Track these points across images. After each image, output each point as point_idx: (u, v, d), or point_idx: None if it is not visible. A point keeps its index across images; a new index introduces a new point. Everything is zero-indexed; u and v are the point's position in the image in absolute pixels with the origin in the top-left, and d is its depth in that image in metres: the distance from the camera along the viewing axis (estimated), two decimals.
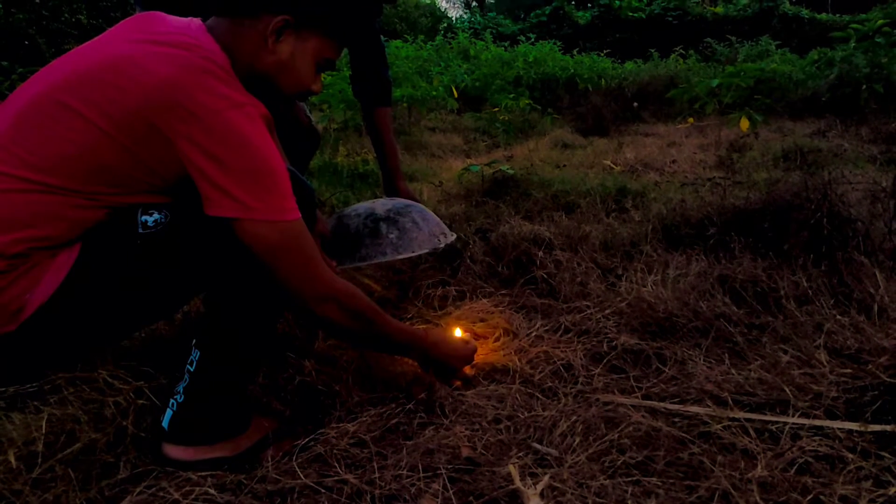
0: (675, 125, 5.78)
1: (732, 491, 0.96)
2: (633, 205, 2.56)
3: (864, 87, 5.02)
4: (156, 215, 1.09)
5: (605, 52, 11.20)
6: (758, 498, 0.94)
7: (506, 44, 11.69)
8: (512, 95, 6.76)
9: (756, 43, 11.11)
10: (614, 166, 3.88)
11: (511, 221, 2.23)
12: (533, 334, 1.60)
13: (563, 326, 1.64)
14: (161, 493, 1.07)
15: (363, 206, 1.69)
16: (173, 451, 1.16)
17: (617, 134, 5.58)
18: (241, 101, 1.04)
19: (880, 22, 5.17)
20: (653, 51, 10.76)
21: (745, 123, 4.13)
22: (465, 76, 8.37)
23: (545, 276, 1.89)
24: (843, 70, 5.39)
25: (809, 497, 0.95)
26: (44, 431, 1.15)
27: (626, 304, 1.66)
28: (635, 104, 6.48)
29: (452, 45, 11.20)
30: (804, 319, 1.48)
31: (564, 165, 4.01)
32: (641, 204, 2.58)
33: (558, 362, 1.45)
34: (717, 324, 1.52)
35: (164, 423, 1.15)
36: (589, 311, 1.68)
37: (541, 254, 1.97)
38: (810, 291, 1.58)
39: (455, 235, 1.80)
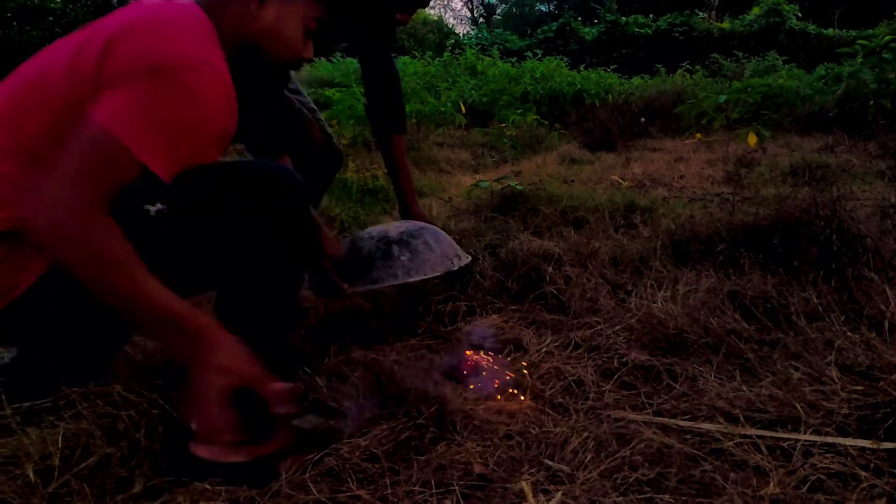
0: (682, 140, 5.80)
1: None
2: (641, 220, 2.57)
3: (872, 102, 5.02)
4: (158, 205, 1.09)
5: (611, 67, 11.26)
6: None
7: (513, 59, 11.77)
8: (519, 111, 6.81)
9: (763, 58, 11.15)
10: (622, 181, 3.89)
11: (520, 237, 2.24)
12: (543, 350, 1.61)
13: (573, 342, 1.64)
14: None
15: (377, 229, 1.70)
16: (200, 450, 1.13)
17: (624, 149, 5.60)
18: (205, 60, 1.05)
19: (887, 38, 5.18)
20: (659, 66, 10.80)
21: (752, 139, 4.15)
22: (473, 92, 8.44)
23: (555, 291, 1.90)
24: (851, 85, 5.40)
25: None
26: (59, 446, 1.16)
27: (636, 320, 1.66)
28: (642, 119, 6.50)
29: (460, 60, 11.30)
30: (815, 336, 1.48)
31: (572, 181, 4.02)
32: (650, 219, 2.58)
33: (569, 378, 1.46)
34: (728, 340, 1.52)
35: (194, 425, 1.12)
36: (599, 327, 1.68)
37: (550, 269, 1.98)
38: (820, 308, 1.58)
39: (470, 257, 1.80)
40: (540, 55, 12.13)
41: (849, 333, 1.46)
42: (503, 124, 6.50)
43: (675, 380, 1.42)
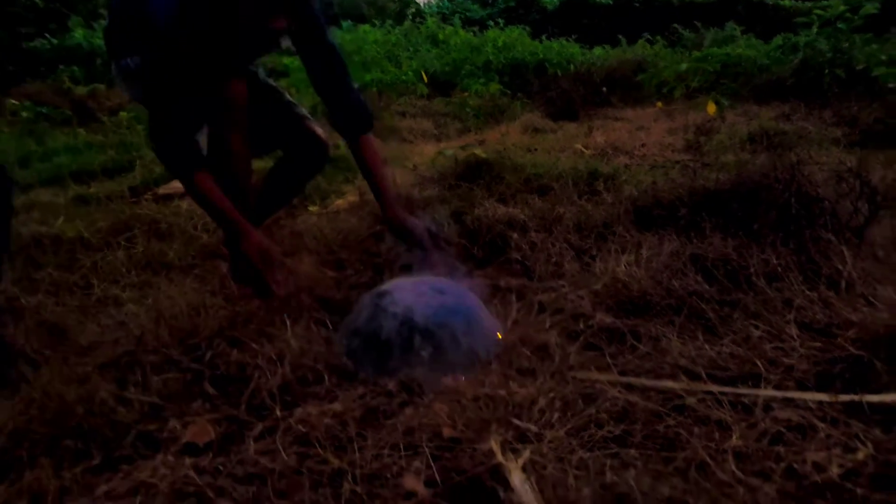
0: (643, 109, 5.84)
1: (709, 460, 0.98)
2: (604, 187, 2.58)
3: (827, 71, 5.11)
4: None
5: (573, 37, 11.20)
6: (733, 466, 0.97)
7: (475, 28, 11.63)
8: (482, 80, 6.76)
9: (722, 28, 11.23)
10: (585, 150, 3.90)
11: (485, 204, 2.24)
12: (510, 318, 1.61)
13: (538, 306, 1.65)
14: (138, 475, 1.06)
15: (403, 302, 1.47)
16: None
17: (587, 118, 5.61)
18: None
19: (842, 8, 5.26)
20: (621, 36, 10.79)
21: (711, 107, 4.20)
22: (435, 61, 8.33)
23: (520, 257, 1.90)
24: (807, 55, 5.48)
25: (783, 464, 0.97)
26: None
27: (600, 284, 1.67)
28: (604, 89, 6.51)
29: (421, 29, 11.12)
30: (774, 296, 1.51)
31: (536, 149, 4.01)
32: (613, 186, 2.59)
33: (535, 342, 1.47)
34: (690, 301, 1.55)
35: None
36: (564, 291, 1.69)
37: (515, 236, 1.98)
38: (780, 269, 1.61)
39: (499, 344, 1.50)
40: (502, 24, 12.01)
41: (807, 292, 1.49)
42: (466, 94, 6.44)
43: (638, 340, 1.44)
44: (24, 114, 5.51)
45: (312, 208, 2.84)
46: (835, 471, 0.96)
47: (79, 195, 2.91)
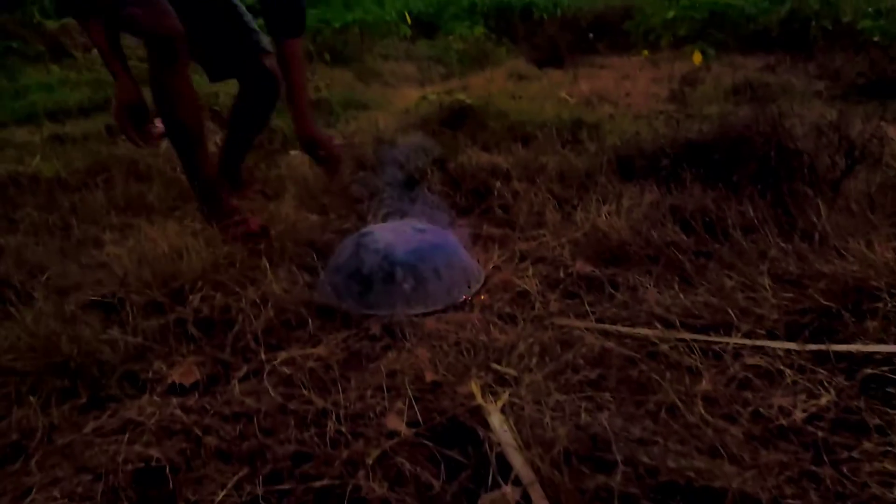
0: (629, 58, 5.78)
1: (679, 404, 1.02)
2: (588, 136, 2.58)
3: (814, 23, 5.08)
4: None
5: None
6: (702, 410, 1.01)
7: None
8: (466, 23, 6.63)
9: None
10: (570, 98, 3.87)
11: (469, 152, 2.23)
12: (491, 264, 1.63)
13: (519, 255, 1.67)
14: (125, 414, 1.08)
15: (385, 237, 1.50)
16: None
17: (572, 65, 5.54)
18: None
19: None
20: None
21: (697, 57, 4.18)
22: (419, 1, 8.13)
23: (502, 206, 1.91)
24: (795, 5, 5.44)
25: (749, 408, 1.02)
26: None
27: (581, 234, 1.69)
28: (590, 35, 6.43)
29: None
30: (749, 247, 1.54)
31: (520, 97, 3.98)
32: (596, 136, 2.60)
33: (516, 289, 1.49)
34: (668, 251, 1.58)
35: None
36: (545, 240, 1.71)
37: (499, 184, 1.99)
38: (756, 221, 1.64)
39: (480, 283, 1.55)
40: None
41: (781, 245, 1.53)
42: (450, 37, 6.33)
43: (616, 289, 1.47)
44: None
45: (293, 152, 2.81)
46: (799, 415, 1.01)
47: (54, 134, 2.85)
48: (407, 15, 6.47)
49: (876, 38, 3.85)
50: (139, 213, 2.02)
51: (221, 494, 0.88)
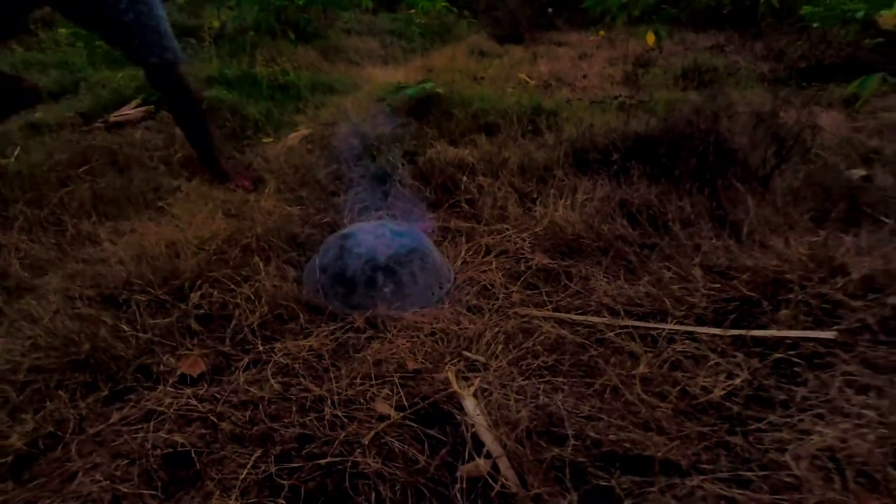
0: (587, 35, 5.94)
1: (620, 385, 1.23)
2: (546, 125, 2.76)
3: (763, 0, 5.30)
4: None
5: None
6: (639, 390, 1.22)
7: None
8: None
9: None
10: (529, 80, 4.04)
11: (437, 146, 2.39)
12: (459, 259, 1.81)
13: (485, 248, 1.86)
14: (145, 404, 1.24)
15: (367, 243, 1.67)
16: None
17: (532, 43, 5.69)
18: None
19: None
20: None
21: (651, 38, 4.36)
22: None
23: (469, 200, 2.09)
24: None
25: (678, 388, 1.23)
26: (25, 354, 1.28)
27: (540, 228, 1.88)
28: (550, 10, 6.56)
29: None
30: (686, 241, 1.75)
31: (483, 78, 4.13)
32: (555, 124, 2.78)
33: (482, 282, 1.68)
34: (616, 244, 1.78)
35: None
36: (508, 234, 1.90)
37: (465, 179, 2.16)
38: (692, 215, 1.85)
39: (451, 282, 1.72)
40: None
41: (713, 239, 1.74)
42: (412, 10, 6.38)
43: (570, 280, 1.67)
44: None
45: (266, 140, 2.93)
46: (717, 392, 1.22)
47: (28, 122, 2.89)
48: None
49: (816, 25, 4.09)
50: (126, 206, 2.13)
51: (244, 473, 1.06)
